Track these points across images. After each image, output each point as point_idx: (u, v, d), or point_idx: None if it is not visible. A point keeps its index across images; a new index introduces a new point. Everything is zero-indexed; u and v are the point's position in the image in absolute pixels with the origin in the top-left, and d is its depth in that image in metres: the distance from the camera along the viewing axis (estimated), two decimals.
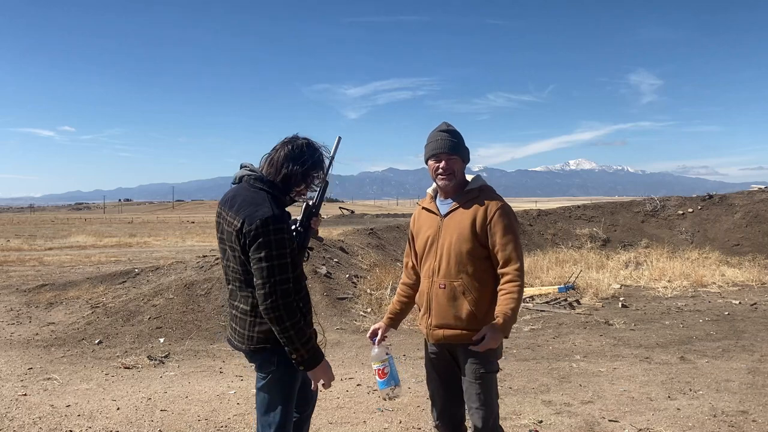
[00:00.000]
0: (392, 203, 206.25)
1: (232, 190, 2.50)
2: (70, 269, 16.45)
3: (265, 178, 2.41)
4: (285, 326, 2.26)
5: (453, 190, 2.75)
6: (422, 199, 2.95)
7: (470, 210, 2.67)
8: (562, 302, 9.57)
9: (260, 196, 2.35)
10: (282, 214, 2.33)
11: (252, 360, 2.52)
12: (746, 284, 11.20)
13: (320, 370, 2.39)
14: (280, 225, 2.27)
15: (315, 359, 2.36)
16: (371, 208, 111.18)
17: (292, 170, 2.39)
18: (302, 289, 2.46)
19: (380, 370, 2.80)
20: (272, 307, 2.24)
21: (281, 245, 2.26)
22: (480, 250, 2.64)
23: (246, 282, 2.37)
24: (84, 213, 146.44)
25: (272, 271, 2.24)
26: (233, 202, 2.39)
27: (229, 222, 2.36)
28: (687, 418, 4.31)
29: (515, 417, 4.38)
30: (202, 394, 5.08)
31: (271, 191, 2.37)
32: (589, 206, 20.79)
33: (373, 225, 19.99)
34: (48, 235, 36.47)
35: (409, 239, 2.97)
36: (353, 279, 10.39)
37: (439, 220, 2.75)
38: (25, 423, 4.37)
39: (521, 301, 2.62)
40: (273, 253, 2.24)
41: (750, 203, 18.12)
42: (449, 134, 2.72)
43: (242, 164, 2.53)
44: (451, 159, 2.70)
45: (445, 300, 2.68)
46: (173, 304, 8.31)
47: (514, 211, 2.74)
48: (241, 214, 2.30)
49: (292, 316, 2.27)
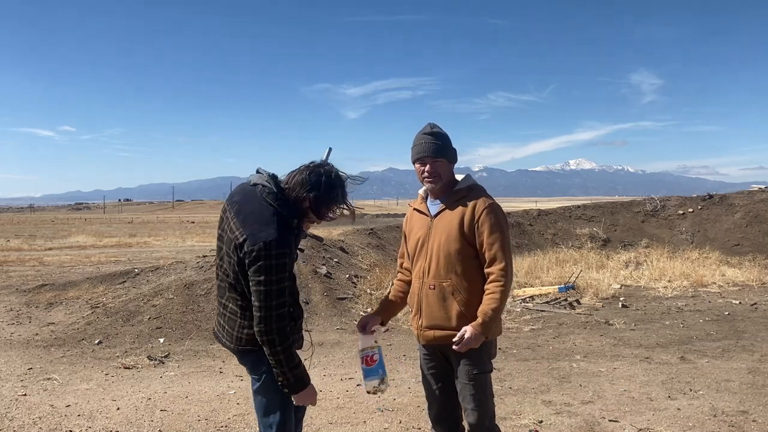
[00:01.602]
0: (392, 203, 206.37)
1: (243, 192, 2.43)
2: (70, 269, 16.45)
3: (279, 195, 2.34)
4: (276, 350, 2.26)
5: (441, 191, 2.74)
6: (413, 200, 2.93)
7: (458, 210, 2.66)
8: (562, 302, 9.57)
9: (268, 213, 2.29)
10: (286, 237, 2.28)
11: (242, 361, 2.52)
12: (746, 284, 11.19)
13: (305, 394, 2.38)
14: (282, 250, 2.23)
15: (300, 384, 2.34)
16: (371, 208, 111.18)
17: (301, 197, 2.33)
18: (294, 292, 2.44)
19: (368, 357, 2.70)
20: (266, 331, 2.24)
21: (281, 270, 2.24)
22: (469, 249, 2.63)
23: (234, 287, 2.37)
24: (84, 213, 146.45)
25: (270, 295, 2.23)
26: (240, 209, 2.35)
27: (232, 230, 2.33)
28: (687, 418, 4.31)
29: (515, 417, 4.38)
30: (202, 394, 5.08)
31: (280, 210, 2.31)
32: (589, 206, 20.79)
33: (373, 225, 19.98)
34: (48, 235, 36.48)
35: (403, 240, 2.97)
36: (353, 279, 10.38)
37: (429, 221, 2.75)
38: (25, 423, 4.37)
39: (505, 301, 2.61)
40: (272, 278, 2.22)
41: (750, 203, 18.12)
42: (433, 137, 2.69)
43: (258, 170, 2.46)
44: (436, 162, 2.68)
45: (435, 301, 2.67)
46: (173, 304, 8.31)
47: (503, 209, 2.74)
48: (246, 230, 2.26)
49: (284, 341, 2.27)
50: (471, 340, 2.52)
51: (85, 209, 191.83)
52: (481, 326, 2.53)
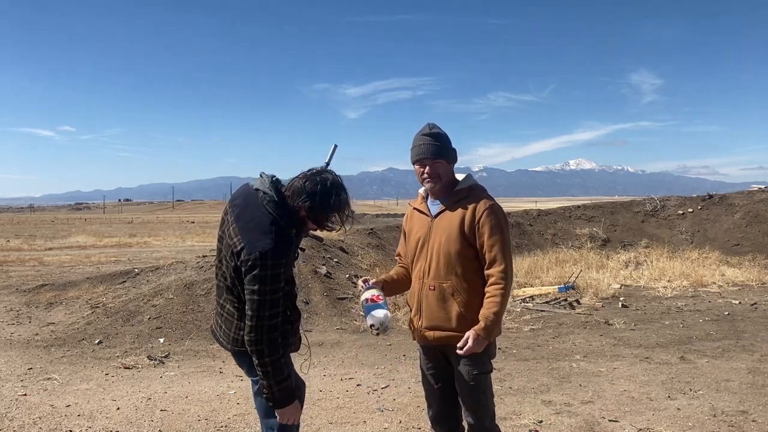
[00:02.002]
0: (392, 203, 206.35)
1: (244, 195, 2.41)
2: (70, 269, 16.45)
3: (279, 203, 2.31)
4: (264, 361, 2.25)
5: (441, 192, 2.73)
6: (414, 199, 2.92)
7: (459, 210, 2.65)
8: (562, 302, 9.57)
9: (267, 221, 2.27)
10: (283, 247, 2.26)
11: (239, 363, 2.52)
12: (746, 284, 11.19)
13: (290, 410, 2.36)
14: (278, 260, 2.22)
15: (285, 400, 2.33)
16: (371, 208, 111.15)
17: (299, 205, 2.31)
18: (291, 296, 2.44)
19: (375, 296, 2.66)
20: (256, 341, 2.24)
21: (275, 280, 2.23)
22: (469, 250, 2.63)
23: (230, 290, 2.38)
24: (84, 213, 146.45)
25: (263, 305, 2.22)
26: (241, 215, 2.34)
27: (231, 236, 2.33)
28: (687, 418, 4.31)
29: (515, 417, 4.38)
30: (202, 394, 5.08)
31: (278, 219, 2.29)
32: (589, 206, 20.77)
33: (373, 225, 19.97)
34: (48, 235, 36.47)
35: (402, 237, 2.97)
36: (353, 279, 10.38)
37: (430, 221, 2.74)
38: (25, 423, 4.37)
39: (506, 304, 2.61)
40: (266, 288, 2.21)
41: (750, 203, 18.12)
42: (432, 138, 2.67)
43: (261, 173, 2.43)
44: (435, 163, 2.67)
45: (435, 302, 2.67)
46: (173, 304, 8.31)
47: (504, 210, 2.72)
48: (244, 238, 2.26)
49: (274, 353, 2.26)
50: (474, 345, 2.52)
51: (85, 209, 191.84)
52: (483, 330, 2.53)
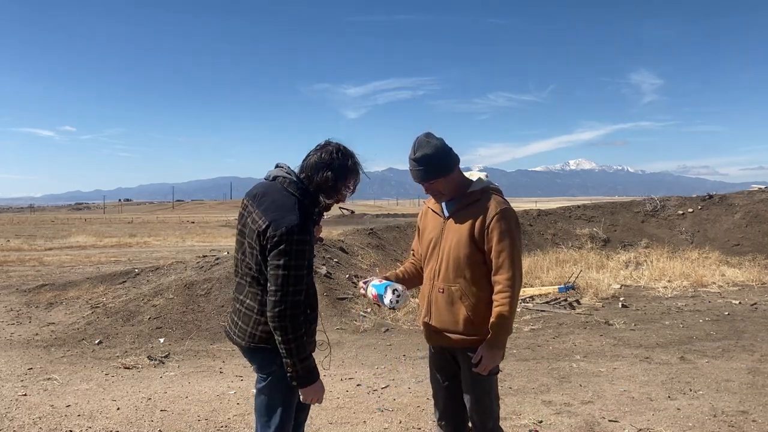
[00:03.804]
0: (392, 203, 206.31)
1: (262, 186, 2.47)
2: (70, 269, 16.45)
3: (300, 184, 2.38)
4: (288, 338, 2.25)
5: (451, 197, 2.69)
6: (429, 198, 2.84)
7: (470, 214, 2.61)
8: (562, 302, 9.57)
9: (290, 202, 2.32)
10: (308, 224, 2.31)
11: (251, 360, 2.50)
12: (746, 284, 11.20)
13: (312, 389, 2.35)
14: (303, 236, 2.25)
15: (309, 378, 2.32)
16: (371, 208, 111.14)
17: (322, 178, 2.36)
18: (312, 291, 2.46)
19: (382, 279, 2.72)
20: (279, 316, 2.24)
21: (301, 256, 2.25)
22: (478, 255, 2.60)
23: (257, 280, 2.36)
24: (84, 213, 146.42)
25: (287, 280, 2.23)
26: (262, 201, 2.37)
27: (255, 220, 2.34)
28: (687, 418, 4.31)
29: (515, 417, 4.38)
30: (202, 394, 5.08)
31: (302, 199, 2.34)
32: (589, 206, 20.77)
33: (373, 225, 19.98)
34: (48, 235, 36.48)
35: (416, 235, 2.95)
36: (353, 279, 10.38)
37: (443, 222, 2.71)
38: (25, 423, 4.37)
39: (514, 312, 2.59)
40: (291, 263, 2.23)
41: (750, 203, 18.11)
42: (418, 163, 2.59)
43: (278, 164, 2.50)
44: (432, 184, 2.64)
45: (444, 304, 2.66)
46: (173, 304, 8.31)
47: (516, 215, 2.66)
48: (268, 217, 2.28)
49: (297, 330, 2.26)
50: (488, 361, 2.55)
51: (85, 209, 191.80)
52: (494, 343, 2.55)
